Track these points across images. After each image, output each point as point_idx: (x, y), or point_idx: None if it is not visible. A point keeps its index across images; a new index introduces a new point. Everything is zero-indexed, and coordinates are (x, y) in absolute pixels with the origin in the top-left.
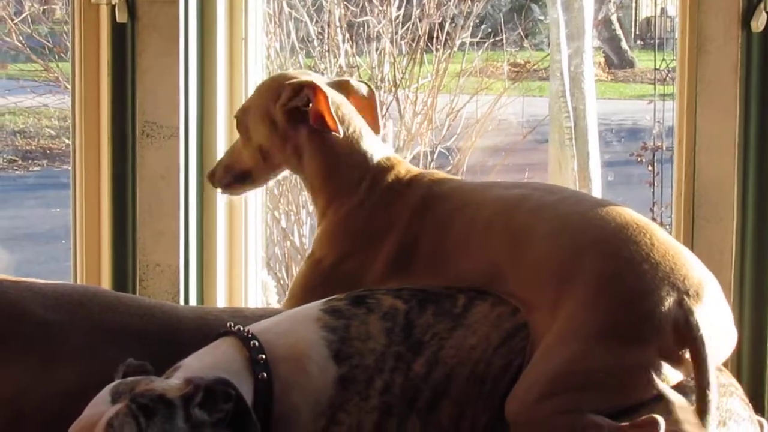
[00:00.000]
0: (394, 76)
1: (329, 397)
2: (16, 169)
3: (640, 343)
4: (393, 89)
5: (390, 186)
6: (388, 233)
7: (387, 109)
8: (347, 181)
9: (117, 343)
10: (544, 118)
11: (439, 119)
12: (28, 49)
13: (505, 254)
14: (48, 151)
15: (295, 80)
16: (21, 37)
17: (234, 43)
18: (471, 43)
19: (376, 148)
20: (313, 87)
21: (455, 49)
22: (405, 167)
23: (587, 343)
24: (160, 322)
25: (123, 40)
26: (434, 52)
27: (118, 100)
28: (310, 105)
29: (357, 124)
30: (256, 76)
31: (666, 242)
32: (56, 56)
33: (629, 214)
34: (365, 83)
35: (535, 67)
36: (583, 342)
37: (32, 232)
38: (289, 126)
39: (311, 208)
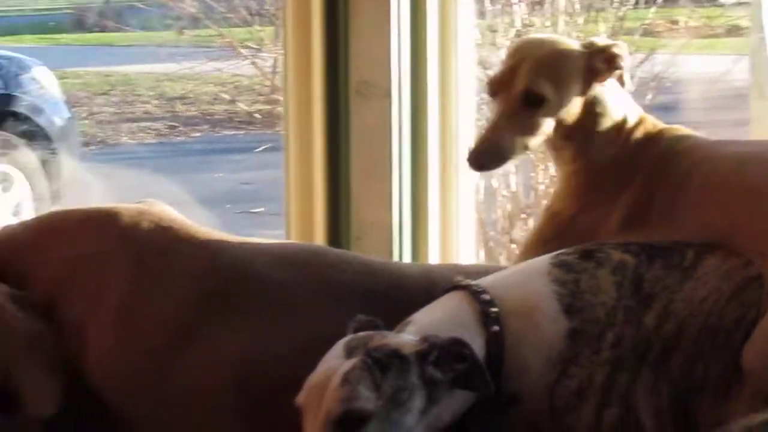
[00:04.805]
0: (569, 34)
1: (560, 350)
2: (178, 135)
3: None
4: None
5: (638, 142)
6: (627, 189)
7: None
8: (604, 138)
9: (343, 302)
10: (723, 75)
11: None
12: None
13: (742, 210)
14: (208, 117)
15: (607, 45)
16: (195, 3)
17: (445, 1)
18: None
19: (630, 104)
20: (621, 48)
21: (630, 5)
22: (652, 122)
23: None
24: (385, 279)
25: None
26: (611, 9)
27: (331, 60)
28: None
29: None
30: (466, 36)
31: None
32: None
33: None
34: (613, 42)
35: (713, 23)
36: None
37: (197, 198)
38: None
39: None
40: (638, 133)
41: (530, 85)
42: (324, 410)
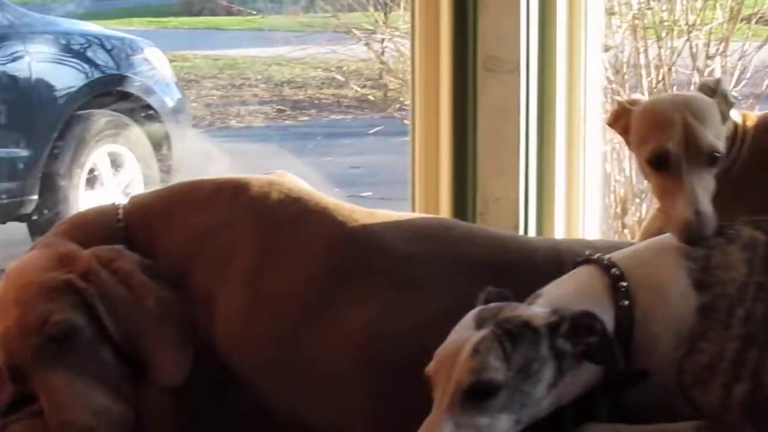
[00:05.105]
0: (686, 19)
1: (690, 325)
2: (285, 119)
3: None
4: (687, 33)
5: (751, 138)
6: (752, 185)
7: (678, 54)
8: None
9: (473, 274)
10: None
11: (729, 62)
12: None
13: None
14: (316, 102)
15: (718, 85)
16: None
17: None
18: None
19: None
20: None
21: None
22: (755, 114)
23: None
24: (515, 253)
25: None
26: None
27: (459, 35)
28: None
29: None
30: (595, 13)
31: None
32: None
33: None
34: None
35: None
36: None
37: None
38: None
39: None
40: (748, 130)
41: (714, 146)
42: (454, 380)
